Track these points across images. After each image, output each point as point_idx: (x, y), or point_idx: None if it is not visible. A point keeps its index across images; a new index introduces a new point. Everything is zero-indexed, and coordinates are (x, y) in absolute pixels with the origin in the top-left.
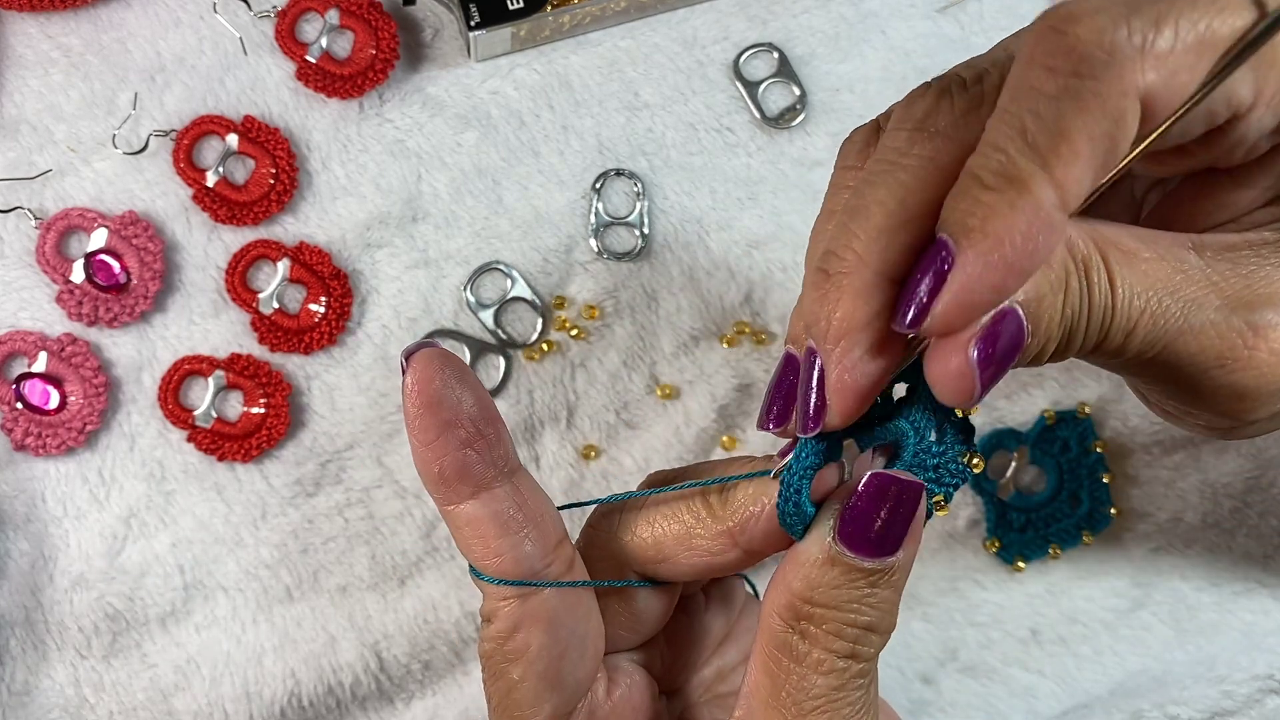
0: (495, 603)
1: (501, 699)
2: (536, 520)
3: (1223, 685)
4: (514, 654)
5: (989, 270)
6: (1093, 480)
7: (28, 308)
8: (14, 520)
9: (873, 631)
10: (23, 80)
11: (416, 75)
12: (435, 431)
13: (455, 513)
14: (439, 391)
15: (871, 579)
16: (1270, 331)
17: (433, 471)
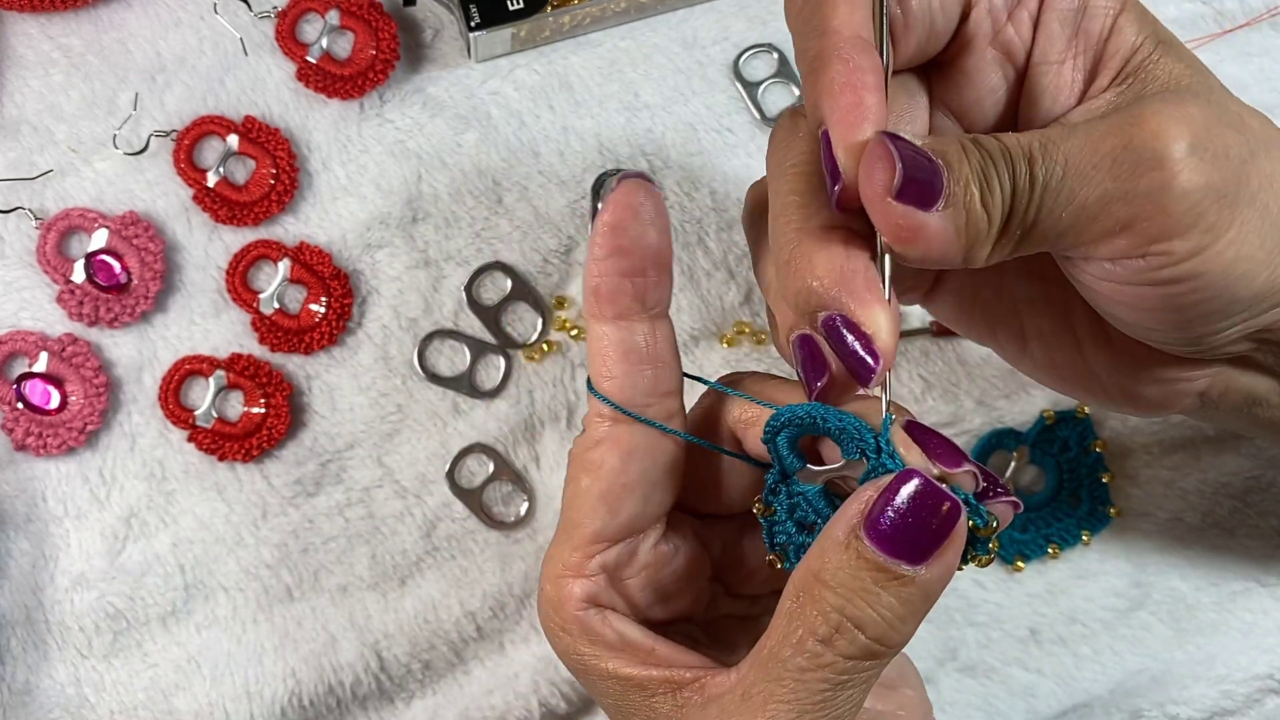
0: (594, 416)
1: (569, 500)
2: (656, 363)
3: (1222, 685)
4: (589, 465)
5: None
6: (1092, 480)
7: (28, 308)
8: (15, 520)
9: (862, 630)
10: (23, 80)
11: (417, 76)
12: (607, 251)
13: (593, 328)
14: (628, 220)
15: (883, 579)
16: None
17: (590, 285)
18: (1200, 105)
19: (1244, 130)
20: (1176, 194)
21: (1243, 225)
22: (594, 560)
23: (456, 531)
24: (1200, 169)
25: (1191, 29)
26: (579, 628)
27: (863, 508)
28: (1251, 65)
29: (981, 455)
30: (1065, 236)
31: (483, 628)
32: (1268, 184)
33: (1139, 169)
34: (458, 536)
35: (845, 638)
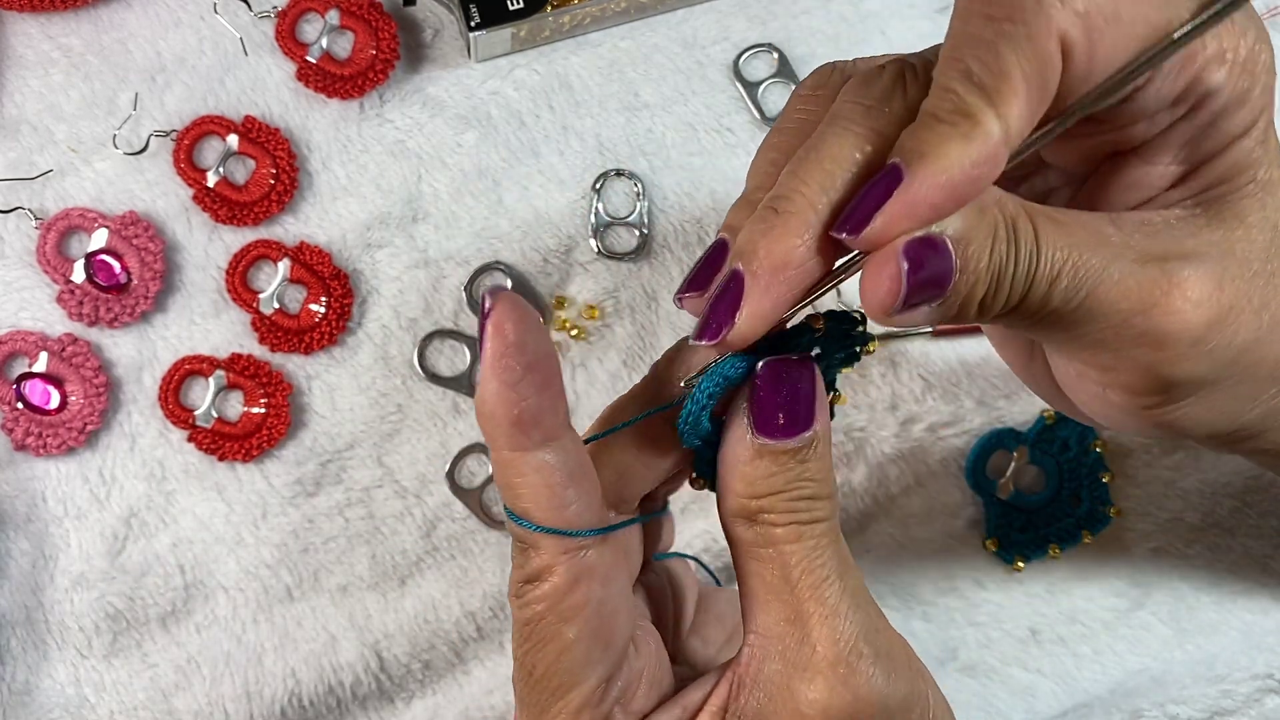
0: (552, 557)
1: (549, 666)
2: (593, 477)
3: (1222, 685)
4: (571, 611)
5: (935, 189)
6: (1092, 480)
7: (28, 308)
8: (15, 520)
9: (817, 499)
10: (23, 80)
11: (417, 76)
12: (519, 373)
13: (523, 460)
14: (523, 335)
15: (799, 456)
16: (1184, 280)
17: (511, 414)
18: (1238, 275)
19: (1267, 308)
20: (1164, 375)
21: (1223, 395)
22: (604, 705)
23: (456, 531)
24: (1198, 362)
25: None
26: None
27: (749, 421)
28: None
29: (982, 455)
30: (1048, 338)
31: (483, 628)
32: (1259, 364)
33: (1143, 342)
34: (458, 536)
35: (816, 510)
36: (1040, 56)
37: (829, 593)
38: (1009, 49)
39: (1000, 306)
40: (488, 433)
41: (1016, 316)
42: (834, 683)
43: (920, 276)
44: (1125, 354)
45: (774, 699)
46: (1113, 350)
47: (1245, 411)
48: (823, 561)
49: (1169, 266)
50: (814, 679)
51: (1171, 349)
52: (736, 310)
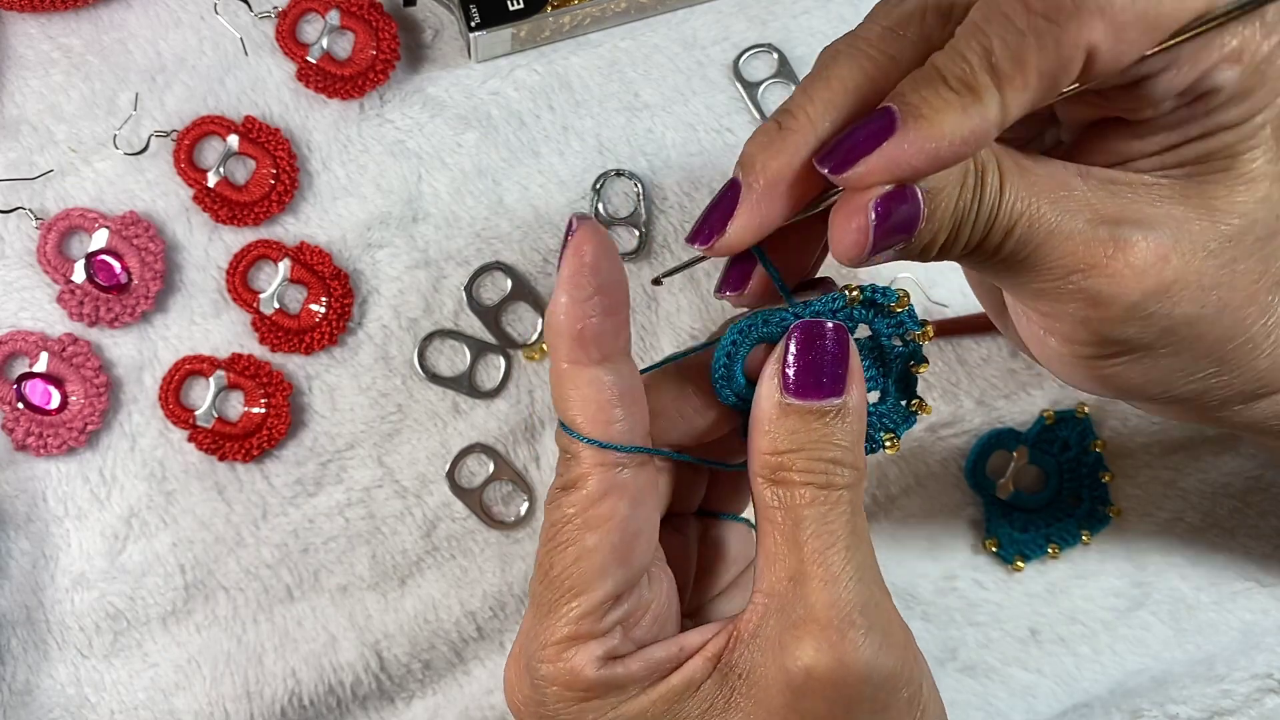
0: (587, 468)
1: (566, 567)
2: (642, 404)
3: (1222, 684)
4: (596, 520)
5: (920, 154)
6: (1092, 480)
7: (29, 308)
8: (15, 520)
9: (840, 465)
10: (24, 80)
11: (417, 76)
12: (589, 291)
13: (579, 373)
14: (599, 259)
15: (825, 419)
16: (1130, 246)
17: (575, 328)
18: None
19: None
20: (1098, 332)
21: (1157, 363)
22: (606, 620)
23: (457, 531)
24: (1131, 325)
25: None
26: (603, 688)
27: (778, 380)
28: None
29: (981, 455)
30: (998, 279)
31: (483, 627)
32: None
33: (1083, 298)
34: (458, 536)
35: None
36: (1061, 60)
37: (834, 558)
38: (1035, 43)
39: (957, 250)
40: (551, 344)
41: (969, 258)
42: (823, 645)
43: (887, 225)
44: (1064, 307)
45: (765, 654)
46: (1053, 301)
47: (1177, 384)
48: (834, 528)
49: (1120, 230)
50: (804, 639)
51: (1106, 310)
52: (729, 219)
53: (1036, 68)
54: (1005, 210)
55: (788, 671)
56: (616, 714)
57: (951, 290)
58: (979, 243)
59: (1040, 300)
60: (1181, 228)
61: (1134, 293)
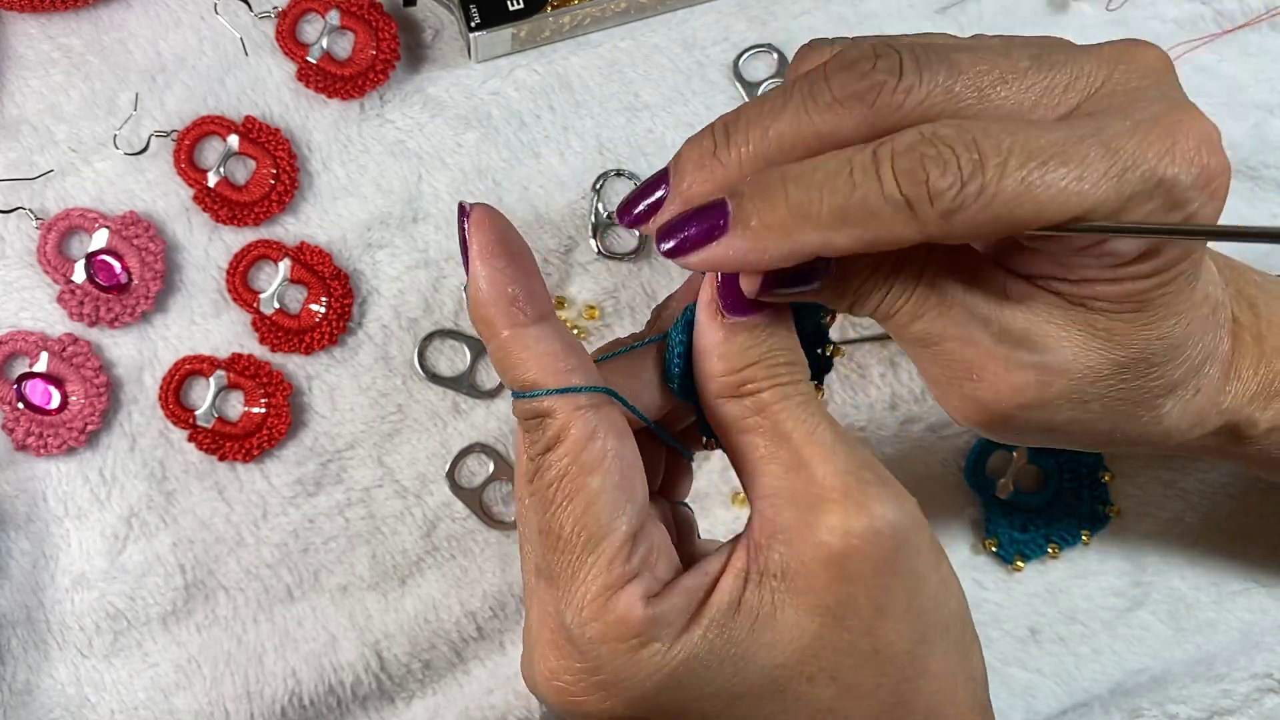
0: (567, 416)
1: (578, 519)
2: (583, 351)
3: (1221, 684)
4: (592, 462)
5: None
6: (1092, 480)
7: (29, 308)
8: (15, 520)
9: (792, 365)
10: (24, 81)
11: (417, 76)
12: (506, 260)
13: (524, 333)
14: (503, 230)
15: (769, 329)
16: (1019, 369)
17: (505, 293)
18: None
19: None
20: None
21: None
22: (634, 560)
23: (457, 531)
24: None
25: (1191, 29)
26: (654, 626)
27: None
28: (1250, 65)
29: (981, 455)
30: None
31: (483, 627)
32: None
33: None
34: (458, 536)
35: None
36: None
37: (823, 436)
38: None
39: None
40: (484, 318)
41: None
42: (849, 507)
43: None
44: (952, 392)
45: (794, 544)
46: (944, 388)
47: (1068, 443)
48: (810, 413)
49: (1016, 353)
50: (828, 510)
51: (986, 413)
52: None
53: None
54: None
55: (825, 547)
56: (673, 654)
57: None
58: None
59: (932, 383)
60: (1078, 353)
61: (1010, 407)
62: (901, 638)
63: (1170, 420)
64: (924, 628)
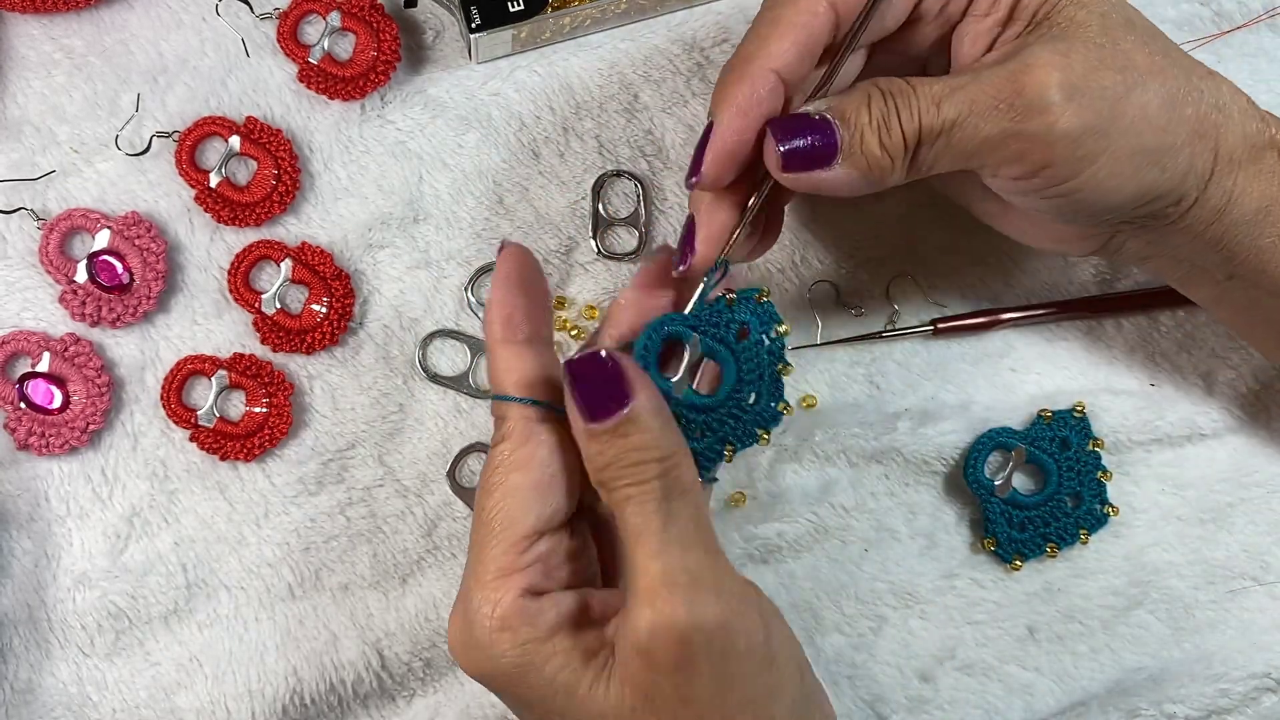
0: (513, 422)
1: (495, 505)
2: (557, 383)
3: (1219, 683)
4: (520, 461)
5: (734, 121)
6: (1090, 479)
7: (31, 308)
8: (17, 519)
9: (643, 464)
10: (26, 82)
11: (418, 77)
12: (516, 289)
13: (508, 348)
14: (526, 266)
15: (619, 432)
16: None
17: (504, 313)
18: (1083, 49)
19: (1126, 69)
20: (1057, 134)
21: (1114, 153)
22: (529, 554)
23: (458, 530)
24: (1076, 112)
25: (1190, 30)
26: (520, 618)
27: (575, 413)
28: (1250, 66)
29: (980, 455)
30: (972, 160)
31: None
32: (1140, 115)
33: (1028, 112)
34: (459, 535)
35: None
36: (805, 12)
37: (651, 539)
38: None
39: (902, 148)
40: (488, 328)
41: (933, 147)
42: (654, 606)
43: (798, 146)
44: (1024, 133)
45: (622, 630)
46: (1015, 138)
47: (1148, 174)
48: (649, 513)
49: (1019, 56)
50: (640, 607)
51: (1050, 109)
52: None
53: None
54: (924, 96)
55: (635, 636)
56: (526, 648)
57: (951, 290)
58: (918, 133)
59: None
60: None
61: (1059, 82)
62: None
63: None
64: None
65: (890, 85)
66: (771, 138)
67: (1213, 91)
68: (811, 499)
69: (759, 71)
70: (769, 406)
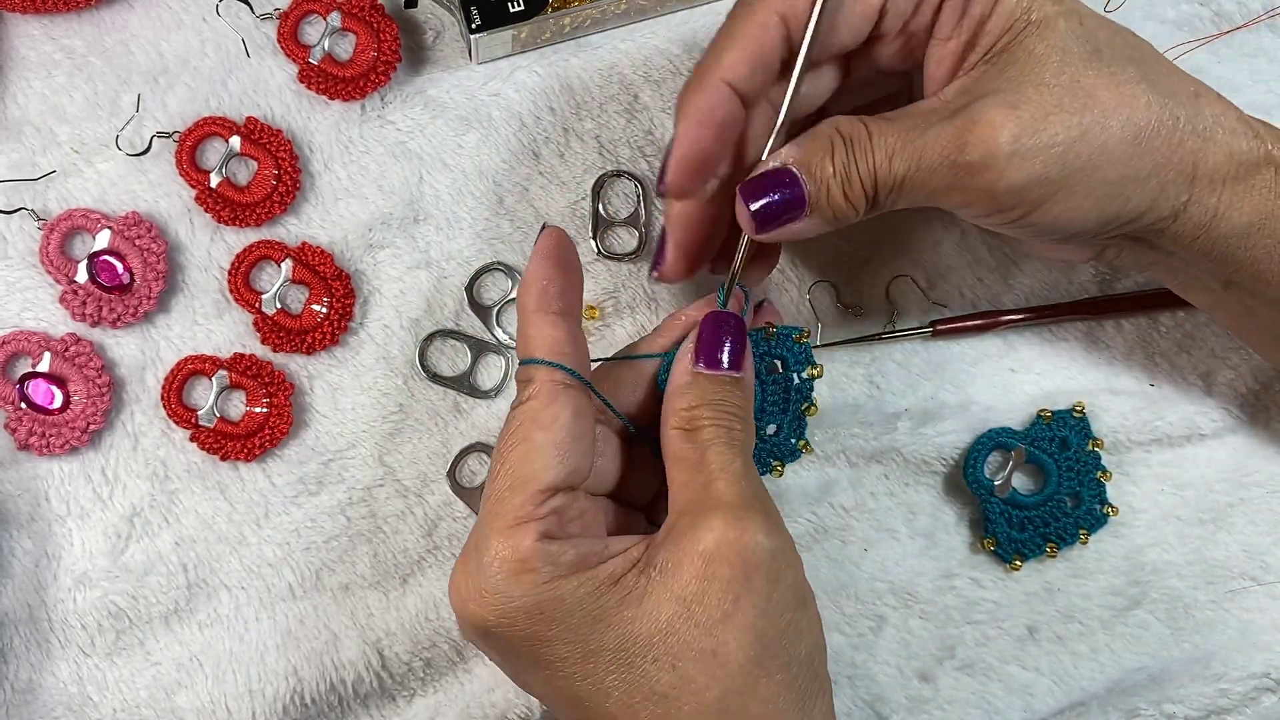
0: (540, 383)
1: (518, 458)
2: (585, 356)
3: (1219, 683)
4: (545, 421)
5: (690, 130)
6: (1090, 479)
7: (31, 308)
8: (18, 519)
9: (736, 418)
10: (26, 82)
11: (418, 77)
12: (554, 264)
13: (541, 318)
14: (564, 246)
15: (726, 385)
16: (982, 114)
17: (541, 284)
18: (1035, 95)
19: (1084, 108)
20: (1001, 189)
21: (1068, 192)
22: (544, 506)
23: (458, 530)
24: (1021, 167)
25: (1190, 30)
26: (539, 558)
27: (691, 355)
28: (1249, 66)
29: (979, 454)
30: (927, 202)
31: None
32: (1098, 152)
33: (970, 170)
34: (459, 535)
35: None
36: (757, 24)
37: (735, 466)
38: (738, 19)
39: (863, 198)
40: (522, 298)
41: (888, 196)
42: (729, 518)
43: (770, 202)
44: (969, 188)
45: (679, 543)
46: (961, 191)
47: (1110, 205)
48: (734, 452)
49: (969, 110)
50: (713, 516)
51: (993, 167)
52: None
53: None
54: (880, 149)
55: (698, 544)
56: (545, 588)
57: (951, 290)
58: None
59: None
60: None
61: (1004, 140)
62: (740, 648)
63: None
64: (763, 650)
65: (851, 131)
66: (742, 200)
67: (1192, 116)
68: (811, 499)
69: (712, 83)
70: (788, 442)
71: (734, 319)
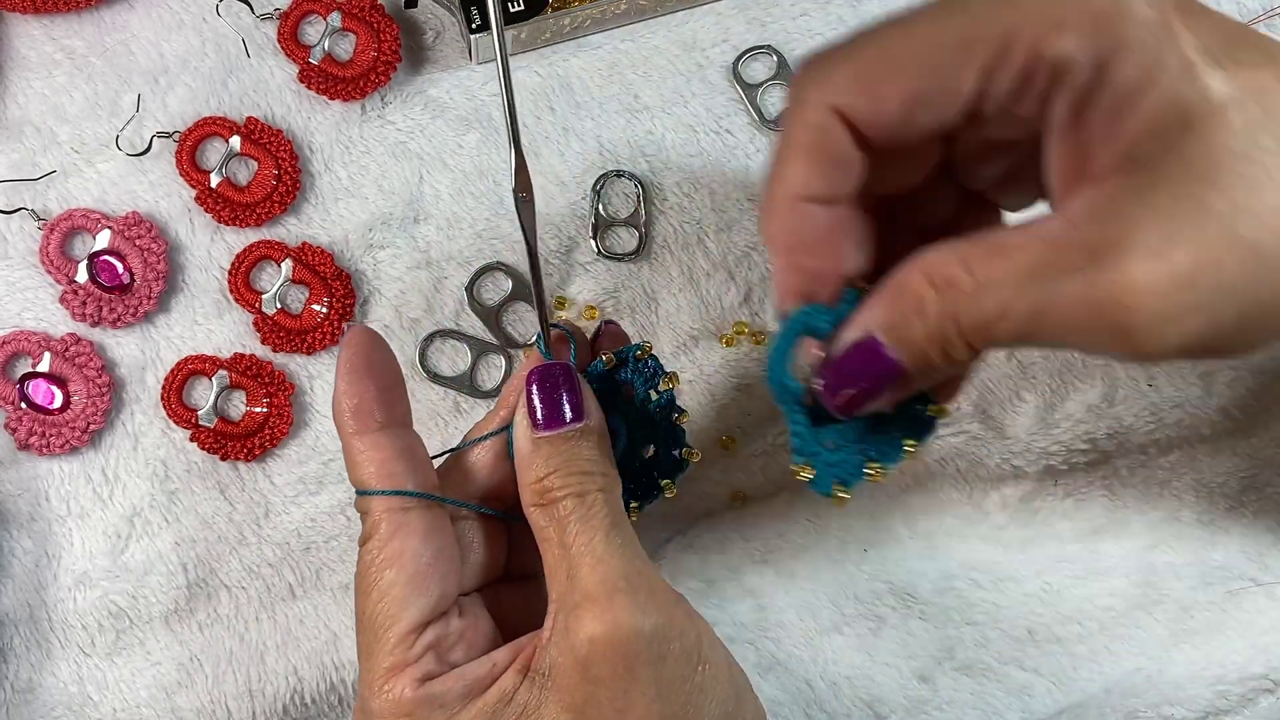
0: (378, 516)
1: (373, 609)
2: (423, 462)
3: (1218, 685)
4: (390, 558)
5: (781, 261)
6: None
7: (31, 308)
8: (18, 519)
9: (590, 474)
10: (26, 82)
11: (418, 77)
12: (362, 376)
13: (364, 438)
14: (370, 352)
15: (572, 442)
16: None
17: (353, 404)
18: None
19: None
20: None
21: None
22: (416, 647)
23: None
24: (1175, 338)
25: None
26: (424, 706)
27: (528, 421)
28: None
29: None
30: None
31: None
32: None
33: (1115, 338)
34: None
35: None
36: (810, 121)
37: (597, 545)
38: (789, 121)
39: (969, 355)
40: (337, 421)
41: (1002, 348)
42: (596, 614)
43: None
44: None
45: (558, 645)
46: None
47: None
48: (595, 522)
49: (1113, 258)
50: (583, 614)
51: (1144, 336)
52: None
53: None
54: (990, 302)
55: (575, 648)
56: None
57: None
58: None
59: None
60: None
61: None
62: None
63: None
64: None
65: (947, 275)
66: (825, 390)
67: None
68: (811, 499)
69: (784, 204)
70: (670, 455)
71: (558, 368)
